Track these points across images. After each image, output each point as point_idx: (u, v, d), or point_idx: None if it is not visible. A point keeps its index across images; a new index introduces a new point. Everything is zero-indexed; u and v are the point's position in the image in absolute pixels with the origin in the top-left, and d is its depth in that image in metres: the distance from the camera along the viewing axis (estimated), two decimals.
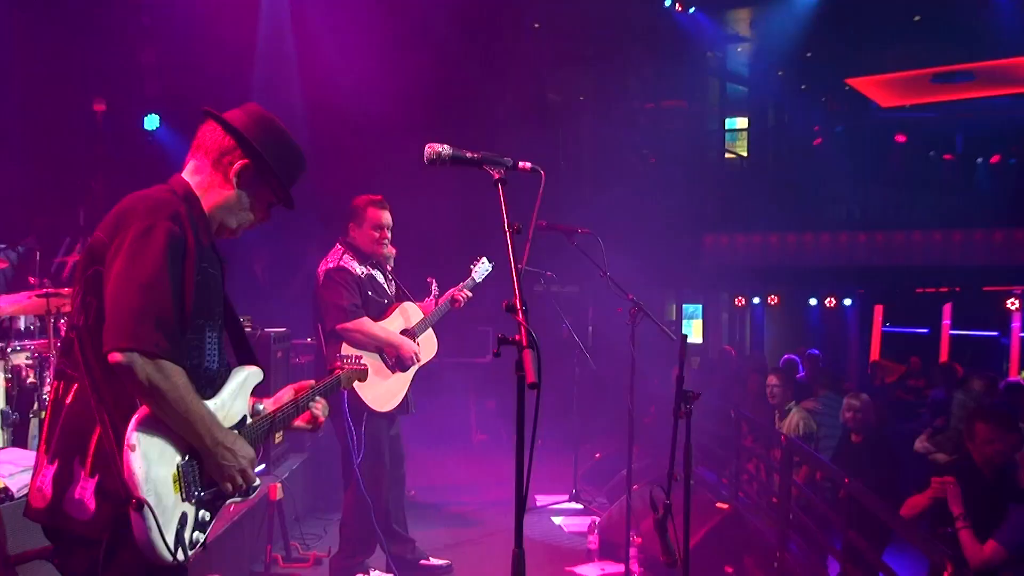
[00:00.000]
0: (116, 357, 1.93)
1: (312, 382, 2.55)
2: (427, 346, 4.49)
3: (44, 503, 2.01)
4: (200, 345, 2.15)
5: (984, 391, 6.75)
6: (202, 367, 2.15)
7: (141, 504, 1.92)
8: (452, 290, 4.65)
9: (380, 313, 4.33)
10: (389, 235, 4.40)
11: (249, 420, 2.30)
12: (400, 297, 4.53)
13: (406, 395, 4.44)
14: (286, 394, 2.49)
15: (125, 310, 1.95)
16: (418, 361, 4.39)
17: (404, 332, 4.39)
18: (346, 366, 2.80)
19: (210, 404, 2.13)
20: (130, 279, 1.97)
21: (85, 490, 1.98)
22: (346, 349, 4.16)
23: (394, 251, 4.58)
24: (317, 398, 2.51)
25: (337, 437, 4.35)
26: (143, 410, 1.98)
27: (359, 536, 4.37)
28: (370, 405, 4.22)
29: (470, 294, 4.67)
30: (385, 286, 4.46)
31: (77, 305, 2.09)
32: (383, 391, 4.29)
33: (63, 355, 2.13)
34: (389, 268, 4.53)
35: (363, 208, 4.34)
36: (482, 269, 4.78)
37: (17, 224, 6.37)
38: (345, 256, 4.31)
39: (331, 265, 4.28)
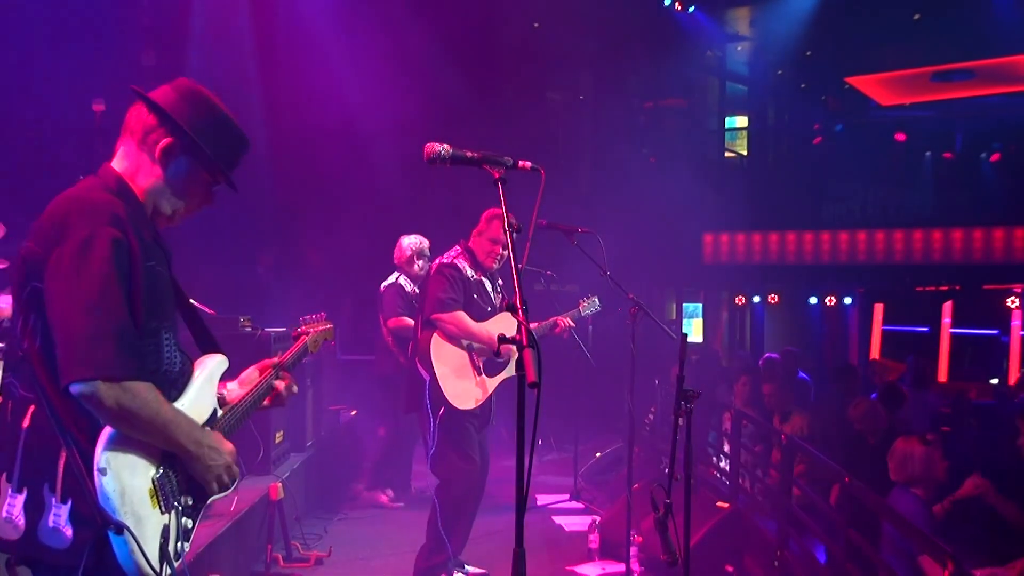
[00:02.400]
0: (77, 389, 1.81)
1: (275, 359, 2.45)
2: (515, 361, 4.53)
3: (17, 535, 1.90)
4: (157, 349, 2.03)
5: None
6: (161, 370, 2.04)
7: (120, 527, 1.84)
8: (557, 316, 4.88)
9: (481, 318, 4.45)
10: (504, 253, 4.51)
11: (219, 412, 2.22)
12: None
13: (490, 404, 4.51)
14: (251, 375, 2.40)
15: (78, 336, 1.81)
16: (508, 360, 4.45)
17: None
18: (311, 330, 2.70)
19: (178, 405, 2.04)
20: (77, 300, 1.82)
21: (59, 517, 1.87)
22: (436, 340, 4.31)
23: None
24: (282, 374, 2.43)
25: (419, 427, 4.51)
26: (107, 430, 1.88)
27: (438, 534, 4.38)
28: (449, 399, 4.29)
29: (573, 324, 4.97)
30: (492, 296, 4.60)
31: (20, 325, 1.95)
32: (463, 389, 4.36)
33: (12, 373, 1.98)
34: (499, 283, 4.67)
35: (489, 220, 4.54)
36: (590, 306, 5.12)
37: (16, 224, 6.36)
38: (461, 257, 4.52)
39: (444, 260, 4.50)
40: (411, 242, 6.26)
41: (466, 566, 4.71)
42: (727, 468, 6.27)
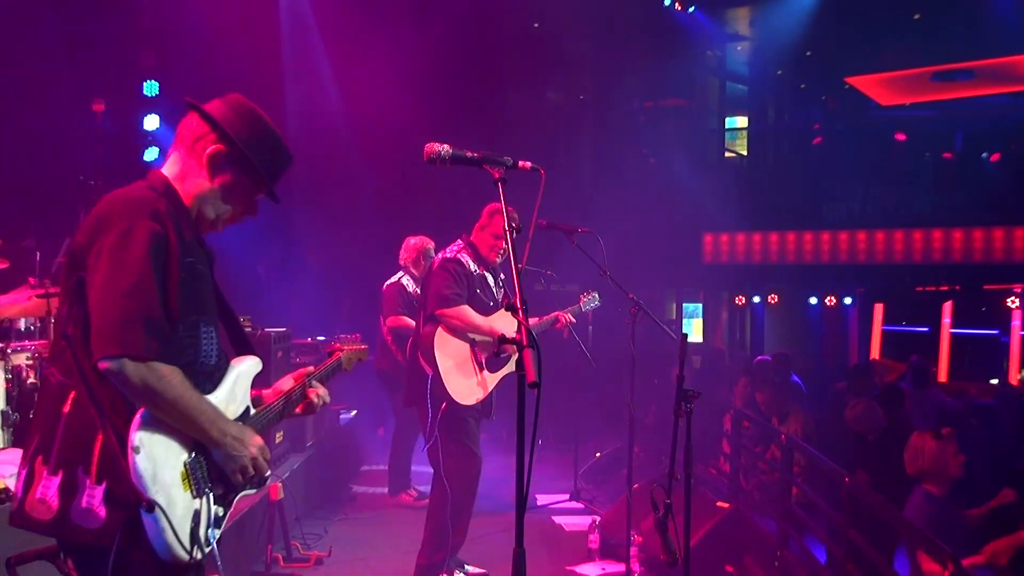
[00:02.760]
0: (106, 365, 1.91)
1: (310, 369, 2.55)
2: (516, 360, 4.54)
3: (50, 515, 1.97)
4: (195, 342, 2.12)
5: None
6: (198, 362, 2.13)
7: (152, 505, 1.91)
8: (558, 312, 4.88)
9: (483, 313, 4.46)
10: (507, 248, 4.50)
11: (252, 411, 2.31)
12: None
13: (491, 398, 4.53)
14: (285, 383, 2.50)
15: (111, 316, 1.93)
16: (510, 356, 4.45)
17: None
18: (346, 347, 2.80)
19: (212, 398, 2.12)
20: (114, 283, 1.94)
21: (93, 498, 1.95)
22: (440, 335, 4.33)
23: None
24: (315, 384, 2.52)
25: (419, 422, 4.51)
26: (143, 411, 1.96)
27: (438, 530, 4.39)
28: (451, 394, 4.31)
29: (574, 319, 4.95)
30: (494, 291, 4.61)
31: (64, 314, 2.06)
32: (465, 384, 4.38)
33: (53, 361, 2.10)
34: (501, 277, 4.68)
35: (491, 214, 4.55)
36: (591, 301, 5.14)
37: (16, 224, 6.37)
38: (463, 252, 4.52)
39: (448, 255, 4.50)
40: (417, 243, 6.35)
41: (466, 566, 4.71)
42: (727, 468, 6.27)
